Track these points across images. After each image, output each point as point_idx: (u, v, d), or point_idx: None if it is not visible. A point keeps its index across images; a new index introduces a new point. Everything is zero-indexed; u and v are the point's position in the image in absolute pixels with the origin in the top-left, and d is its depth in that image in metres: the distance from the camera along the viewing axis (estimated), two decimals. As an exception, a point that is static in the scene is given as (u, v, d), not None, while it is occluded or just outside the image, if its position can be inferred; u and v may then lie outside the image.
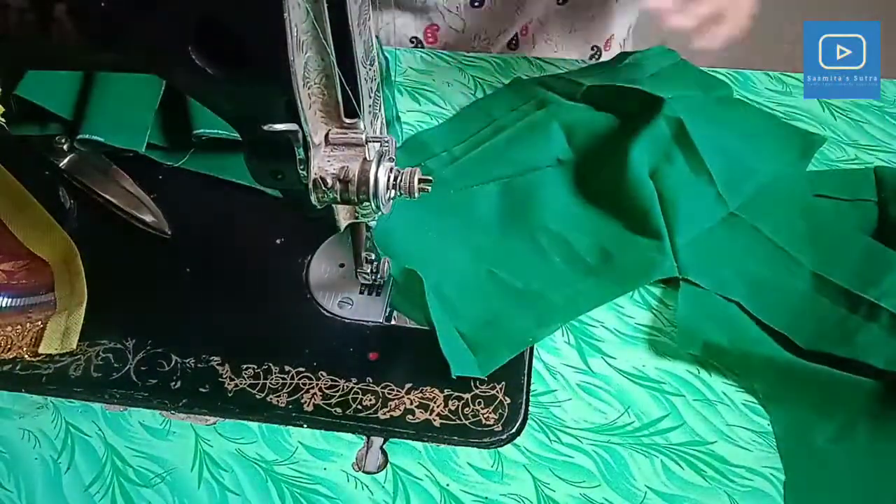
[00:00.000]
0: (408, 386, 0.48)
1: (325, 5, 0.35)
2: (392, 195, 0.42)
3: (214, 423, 0.47)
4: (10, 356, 0.49)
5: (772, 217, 0.54)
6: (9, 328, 0.50)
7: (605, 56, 0.82)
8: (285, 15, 0.33)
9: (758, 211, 0.54)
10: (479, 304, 0.51)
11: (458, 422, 0.46)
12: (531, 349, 0.50)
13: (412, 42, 0.77)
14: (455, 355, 0.48)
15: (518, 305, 0.51)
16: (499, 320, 0.50)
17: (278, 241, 0.56)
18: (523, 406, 0.47)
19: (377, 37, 0.65)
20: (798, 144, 0.58)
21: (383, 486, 0.44)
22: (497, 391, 0.47)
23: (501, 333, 0.49)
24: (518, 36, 0.78)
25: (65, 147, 0.58)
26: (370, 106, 0.41)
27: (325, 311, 0.52)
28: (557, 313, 0.50)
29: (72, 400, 0.48)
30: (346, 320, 0.51)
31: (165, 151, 0.61)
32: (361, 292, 0.52)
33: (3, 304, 0.51)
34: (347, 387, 0.48)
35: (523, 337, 0.49)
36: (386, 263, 0.50)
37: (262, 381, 0.48)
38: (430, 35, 0.77)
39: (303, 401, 0.47)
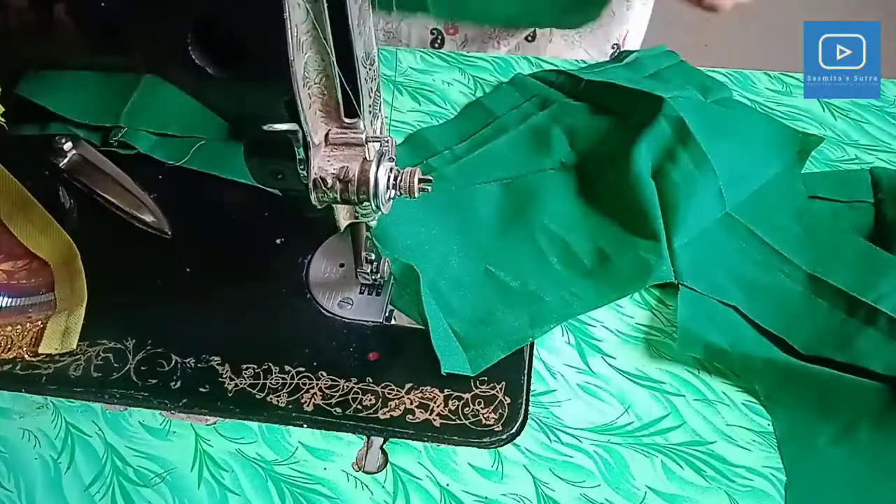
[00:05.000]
0: (408, 386, 0.48)
1: (325, 5, 0.35)
2: (392, 195, 0.42)
3: (214, 423, 0.47)
4: (10, 356, 0.49)
5: (767, 219, 0.54)
6: (9, 328, 0.50)
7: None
8: (285, 15, 0.33)
9: (753, 213, 0.54)
10: (474, 301, 0.51)
11: (458, 422, 0.46)
12: (531, 349, 0.50)
13: (433, 34, 0.77)
14: (446, 352, 0.48)
15: (512, 305, 0.51)
16: (492, 319, 0.50)
17: (278, 241, 0.56)
18: (523, 406, 0.47)
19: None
20: (795, 146, 0.58)
21: (383, 486, 0.44)
22: (497, 391, 0.47)
23: (494, 332, 0.49)
24: (536, 29, 0.78)
25: (65, 147, 0.58)
26: (370, 106, 0.41)
27: (325, 311, 0.52)
28: (551, 314, 0.50)
29: (72, 400, 0.48)
30: (346, 320, 0.51)
31: (167, 150, 0.61)
32: (361, 292, 0.52)
33: (3, 304, 0.51)
34: (347, 387, 0.48)
35: (516, 336, 0.49)
36: (386, 263, 0.50)
37: (262, 381, 0.48)
38: (450, 27, 0.77)
39: (303, 401, 0.47)
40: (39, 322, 0.51)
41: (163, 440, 0.46)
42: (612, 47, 0.81)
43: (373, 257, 0.50)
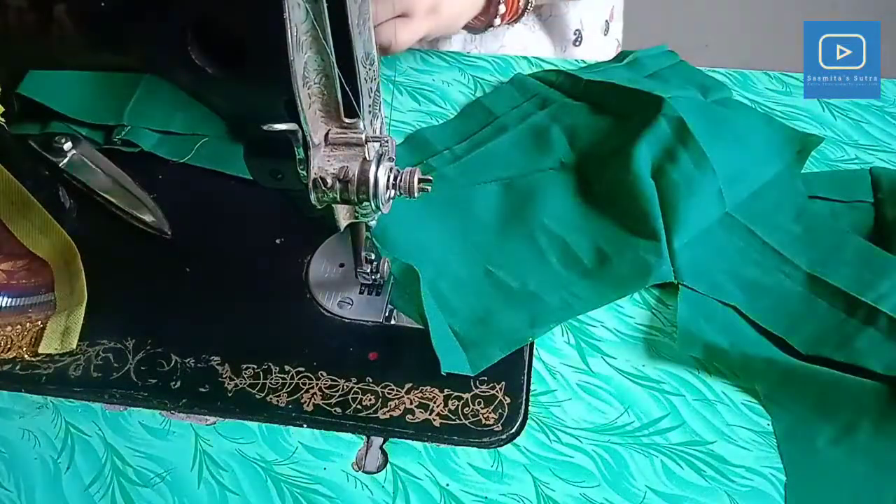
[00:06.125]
0: (408, 386, 0.48)
1: (325, 5, 0.35)
2: (391, 195, 0.42)
3: (214, 423, 0.47)
4: (10, 356, 0.49)
5: (767, 219, 0.54)
6: (9, 328, 0.50)
7: (586, 36, 0.83)
8: (285, 15, 0.33)
9: (753, 213, 0.54)
10: (474, 301, 0.51)
11: (458, 422, 0.46)
12: (531, 349, 0.50)
13: None
14: (446, 352, 0.48)
15: (512, 305, 0.51)
16: (492, 319, 0.50)
17: (278, 241, 0.56)
18: (523, 406, 0.47)
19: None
20: (794, 146, 0.58)
21: (383, 486, 0.44)
22: (497, 391, 0.47)
23: (494, 332, 0.49)
24: None
25: (65, 147, 0.58)
26: (370, 106, 0.41)
27: (325, 311, 0.52)
28: (551, 314, 0.50)
29: (72, 400, 0.48)
30: (346, 320, 0.51)
31: (170, 147, 0.61)
32: (361, 292, 0.52)
33: (3, 304, 0.51)
34: (347, 386, 0.48)
35: (516, 336, 0.49)
36: (386, 263, 0.51)
37: (262, 381, 0.48)
38: None
39: (303, 401, 0.47)
40: (39, 322, 0.51)
41: (163, 440, 0.46)
42: (574, 33, 0.82)
43: (373, 257, 0.50)
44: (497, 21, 0.68)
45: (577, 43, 0.82)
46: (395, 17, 0.61)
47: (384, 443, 0.46)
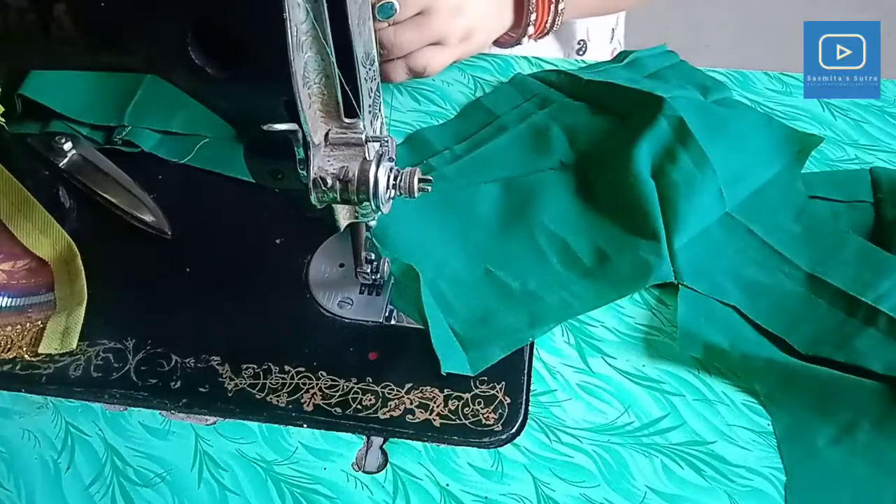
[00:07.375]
0: (408, 386, 0.48)
1: (325, 5, 0.35)
2: (392, 195, 0.42)
3: (214, 423, 0.47)
4: (10, 356, 0.49)
5: (766, 219, 0.54)
6: (9, 328, 0.50)
7: (591, 47, 0.83)
8: (285, 15, 0.33)
9: (752, 213, 0.54)
10: (474, 301, 0.51)
11: (458, 422, 0.46)
12: (531, 349, 0.50)
13: None
14: (446, 352, 0.48)
15: (512, 305, 0.51)
16: (492, 319, 0.50)
17: (278, 241, 0.56)
18: (523, 406, 0.47)
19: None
20: (794, 146, 0.58)
21: (383, 486, 0.44)
22: (497, 391, 0.47)
23: (494, 332, 0.49)
24: None
25: (65, 147, 0.58)
26: (370, 106, 0.41)
27: (325, 311, 0.52)
28: (551, 314, 0.50)
29: (72, 400, 0.48)
30: (346, 320, 0.51)
31: (171, 148, 0.61)
32: (361, 292, 0.52)
33: (3, 304, 0.52)
34: (347, 386, 0.48)
35: (516, 336, 0.49)
36: (386, 263, 0.51)
37: (262, 381, 0.48)
38: None
39: (303, 401, 0.47)
40: (39, 322, 0.51)
41: (163, 440, 0.46)
42: (578, 43, 0.82)
43: (373, 257, 0.50)
44: (525, 40, 0.69)
45: (581, 52, 0.82)
46: (430, 45, 0.62)
47: (384, 443, 0.46)
